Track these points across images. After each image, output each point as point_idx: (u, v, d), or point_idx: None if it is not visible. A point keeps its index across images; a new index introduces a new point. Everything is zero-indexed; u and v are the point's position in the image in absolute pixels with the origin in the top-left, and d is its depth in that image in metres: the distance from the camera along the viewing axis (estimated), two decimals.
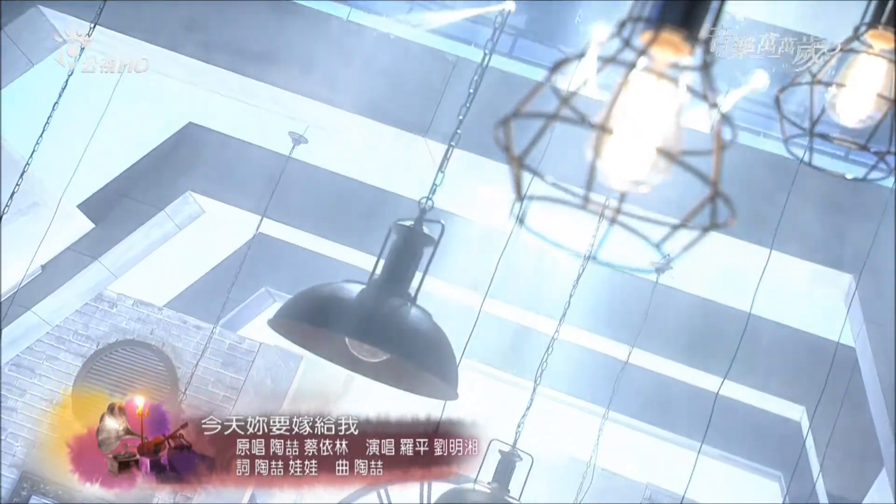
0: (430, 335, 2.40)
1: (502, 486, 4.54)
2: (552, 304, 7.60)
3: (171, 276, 10.28)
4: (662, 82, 1.24)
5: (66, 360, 9.41)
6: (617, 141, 1.23)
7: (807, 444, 8.10)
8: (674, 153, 1.21)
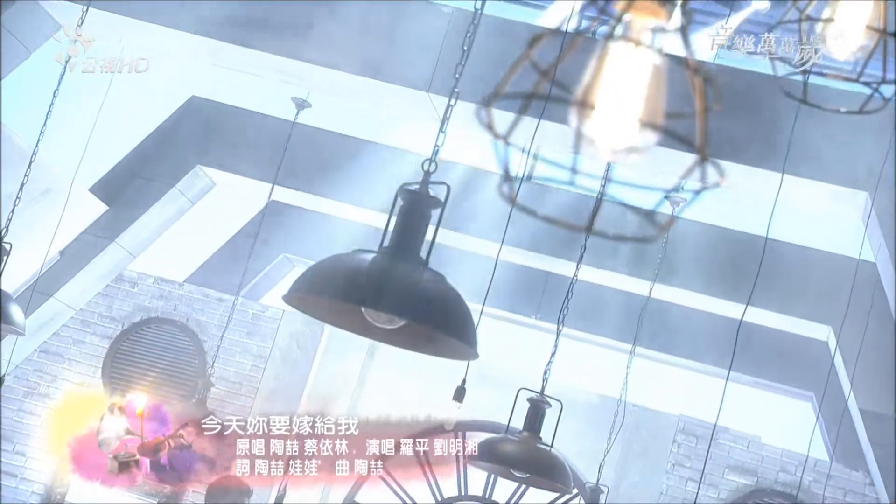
0: (444, 298, 2.40)
1: (534, 433, 4.56)
2: (570, 247, 7.60)
3: (188, 251, 10.31)
4: (641, 49, 1.22)
5: (92, 343, 9.47)
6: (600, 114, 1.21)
7: (836, 363, 8.11)
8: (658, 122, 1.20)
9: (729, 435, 8.83)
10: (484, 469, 4.90)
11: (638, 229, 1.26)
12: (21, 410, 9.34)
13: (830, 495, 8.47)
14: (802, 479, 8.33)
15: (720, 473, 8.78)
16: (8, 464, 9.22)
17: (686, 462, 8.75)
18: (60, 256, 9.01)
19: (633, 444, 8.95)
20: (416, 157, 7.79)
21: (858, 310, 7.51)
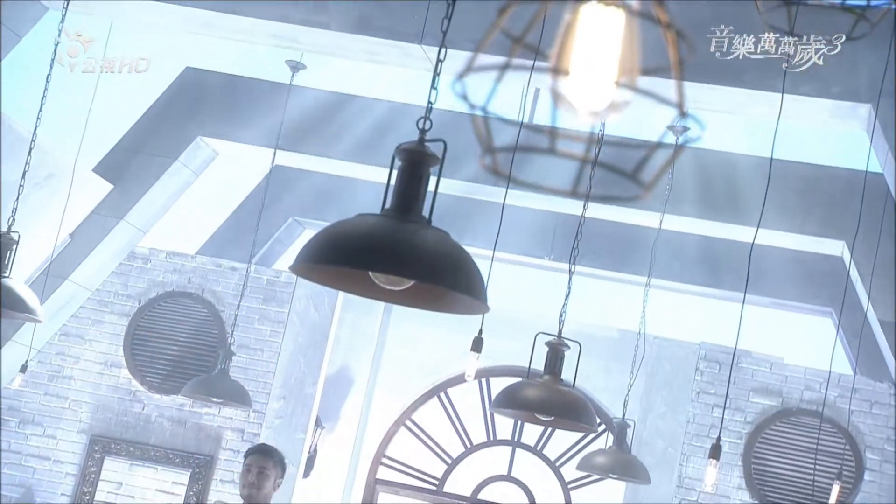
0: (449, 254, 2.40)
1: (554, 376, 4.58)
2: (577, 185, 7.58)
3: (197, 223, 10.32)
4: (611, 9, 1.21)
5: (111, 322, 9.52)
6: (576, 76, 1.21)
7: (852, 276, 8.11)
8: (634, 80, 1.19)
9: (751, 358, 8.85)
10: (508, 416, 4.93)
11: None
12: (48, 394, 9.41)
13: (857, 408, 8.51)
14: (827, 395, 8.35)
15: (745, 397, 8.82)
16: (40, 447, 9.31)
17: (710, 389, 8.78)
18: (71, 239, 9.04)
19: (657, 376, 8.99)
20: (415, 110, 7.77)
21: (870, 222, 7.50)
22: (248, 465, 6.29)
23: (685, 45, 1.17)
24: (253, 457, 6.31)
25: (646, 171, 1.24)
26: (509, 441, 10.58)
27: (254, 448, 6.50)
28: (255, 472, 6.24)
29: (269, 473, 6.27)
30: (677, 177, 8.02)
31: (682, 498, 8.65)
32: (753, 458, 8.66)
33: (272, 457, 6.35)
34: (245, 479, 6.27)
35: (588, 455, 7.30)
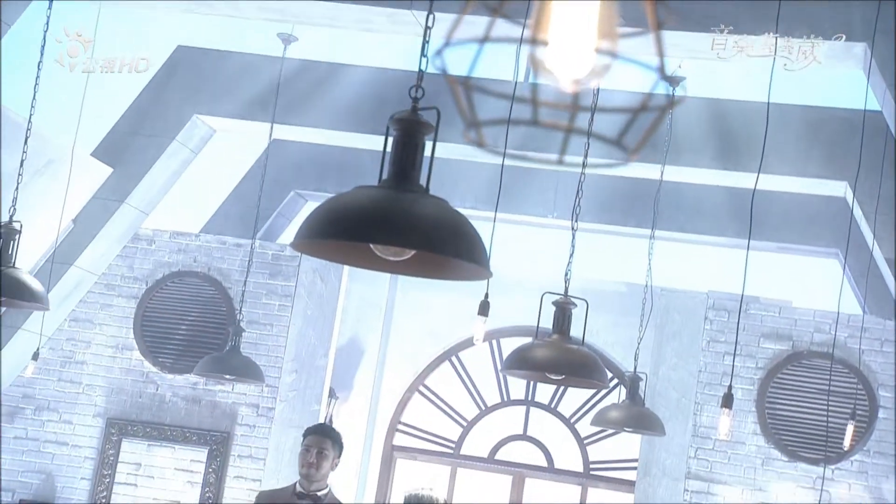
0: (449, 222, 2.39)
1: (563, 334, 4.58)
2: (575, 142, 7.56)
3: (199, 202, 10.31)
4: None
5: (119, 305, 9.54)
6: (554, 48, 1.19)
7: (856, 216, 8.10)
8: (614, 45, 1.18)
9: (760, 304, 8.86)
10: (519, 377, 4.94)
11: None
12: (61, 380, 9.45)
13: (867, 347, 8.52)
14: (837, 335, 8.36)
15: (755, 343, 8.83)
16: (57, 433, 9.36)
17: (720, 337, 8.80)
18: (74, 224, 9.04)
19: (666, 328, 9.00)
20: (408, 76, 7.73)
21: (871, 160, 7.49)
22: (308, 446, 6.31)
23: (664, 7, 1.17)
24: (312, 437, 6.33)
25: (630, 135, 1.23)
26: (523, 401, 10.63)
27: (312, 428, 6.53)
28: (314, 452, 6.27)
29: (327, 454, 6.31)
30: (676, 127, 8.00)
31: (699, 446, 8.68)
32: (767, 403, 8.69)
33: (331, 437, 6.38)
34: (304, 459, 6.29)
35: (602, 410, 7.32)
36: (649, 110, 1.24)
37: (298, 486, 6.38)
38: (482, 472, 10.61)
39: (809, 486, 8.44)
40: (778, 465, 8.59)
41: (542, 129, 1.27)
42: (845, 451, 8.27)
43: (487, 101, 1.45)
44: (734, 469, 8.64)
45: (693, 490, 8.64)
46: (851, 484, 8.47)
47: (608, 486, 10.22)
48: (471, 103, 1.30)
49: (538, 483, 10.51)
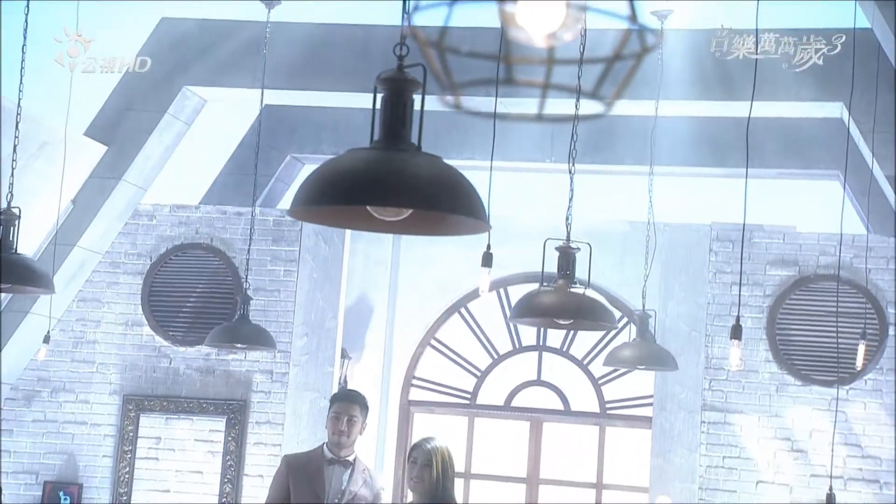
0: (443, 178, 2.39)
1: (567, 279, 4.59)
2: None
3: (196, 173, 10.30)
4: None
5: (126, 282, 9.56)
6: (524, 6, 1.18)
7: (853, 136, 8.08)
8: None
9: (763, 232, 8.86)
10: (527, 325, 4.96)
11: None
12: (74, 361, 9.49)
13: (873, 266, 8.52)
14: (842, 257, 8.37)
15: (762, 271, 8.84)
16: (75, 413, 9.42)
17: (726, 268, 8.80)
18: (73, 205, 9.04)
19: (671, 263, 9.00)
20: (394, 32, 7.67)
21: (865, 79, 7.46)
22: (337, 413, 6.33)
23: None
24: (339, 404, 6.36)
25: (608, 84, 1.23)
26: (535, 346, 10.66)
27: (340, 395, 6.57)
28: (344, 420, 6.30)
29: (356, 419, 6.34)
30: (667, 61, 7.95)
31: (712, 378, 8.72)
32: (777, 329, 8.71)
33: (358, 402, 6.41)
34: (335, 427, 6.32)
35: (614, 350, 7.36)
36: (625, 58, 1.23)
37: (327, 450, 6.40)
38: (499, 419, 10.67)
39: (825, 408, 8.48)
40: (792, 389, 8.63)
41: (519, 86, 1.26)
42: (858, 370, 8.31)
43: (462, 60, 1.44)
44: (749, 397, 8.68)
45: (710, 421, 8.69)
46: (867, 403, 8.51)
47: (625, 424, 10.28)
48: (445, 66, 1.30)
49: (556, 426, 10.57)
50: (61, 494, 9.24)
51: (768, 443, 8.59)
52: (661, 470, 8.78)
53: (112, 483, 9.24)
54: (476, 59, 1.50)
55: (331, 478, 6.27)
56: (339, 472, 6.29)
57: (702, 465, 8.64)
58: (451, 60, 1.35)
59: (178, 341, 9.40)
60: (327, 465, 6.32)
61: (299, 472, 6.33)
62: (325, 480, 6.26)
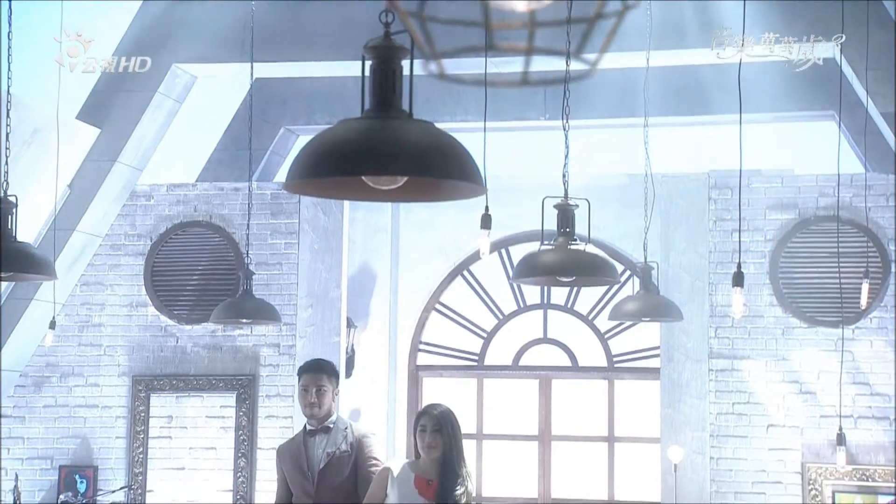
0: (436, 144, 2.39)
1: (567, 236, 4.59)
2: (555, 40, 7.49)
3: (191, 151, 10.27)
4: None
5: (128, 264, 9.57)
6: None
7: (847, 74, 8.05)
8: None
9: (761, 176, 8.84)
10: (530, 284, 4.97)
11: None
12: (81, 345, 9.52)
13: (873, 204, 8.52)
14: (841, 196, 8.37)
15: (762, 216, 8.83)
16: (86, 397, 9.45)
17: (726, 215, 8.80)
18: (70, 190, 9.04)
19: (671, 213, 9.00)
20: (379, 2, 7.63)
21: (855, 17, 7.43)
22: (305, 385, 6.29)
23: None
24: (307, 376, 6.31)
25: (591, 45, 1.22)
26: (540, 305, 10.67)
27: (305, 366, 6.46)
28: (312, 391, 6.26)
29: (326, 388, 6.30)
30: (655, 12, 7.91)
31: (718, 326, 8.74)
32: (780, 273, 8.72)
33: (325, 371, 6.36)
34: (305, 399, 6.28)
35: (618, 303, 7.36)
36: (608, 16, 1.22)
37: (308, 424, 6.39)
38: (508, 379, 10.70)
39: (831, 348, 8.50)
40: (798, 332, 8.65)
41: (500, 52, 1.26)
42: (863, 309, 8.32)
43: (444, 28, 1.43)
44: (755, 343, 8.70)
45: (717, 369, 8.72)
46: (873, 341, 8.53)
47: (633, 377, 10.31)
48: (428, 35, 1.29)
49: (564, 383, 10.60)
50: (77, 478, 9.29)
51: (777, 386, 8.62)
52: (671, 420, 8.82)
53: (127, 464, 9.28)
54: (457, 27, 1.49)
55: (313, 448, 6.26)
56: (321, 440, 6.27)
57: (712, 412, 8.67)
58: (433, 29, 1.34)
59: (183, 320, 9.42)
60: (309, 438, 6.30)
61: (287, 455, 6.33)
62: (308, 452, 6.25)
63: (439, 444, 5.63)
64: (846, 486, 8.33)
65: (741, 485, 8.55)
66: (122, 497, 8.91)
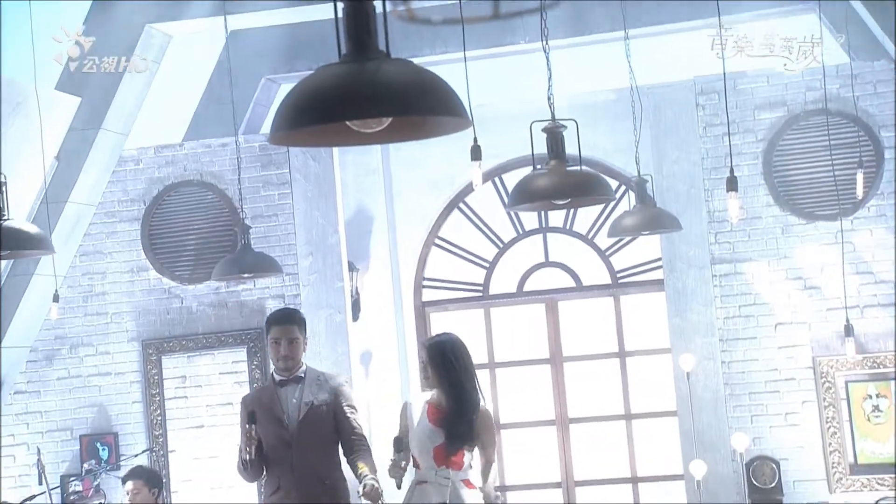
0: (416, 82, 2.37)
1: (559, 159, 4.58)
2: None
3: (174, 111, 10.21)
4: None
5: (124, 230, 9.56)
6: None
7: None
8: None
9: (747, 77, 8.81)
10: (526, 210, 4.97)
11: None
12: (87, 314, 9.55)
13: (861, 92, 8.50)
14: (828, 88, 8.34)
15: (751, 117, 8.81)
16: (98, 365, 9.50)
17: (715, 120, 8.77)
18: (58, 161, 9.00)
19: (660, 124, 8.97)
20: None
21: None
22: (276, 338, 6.23)
23: None
24: (276, 328, 6.25)
25: None
26: (538, 229, 10.68)
27: (274, 318, 6.38)
28: (283, 343, 6.23)
29: (297, 339, 6.28)
30: None
31: (717, 231, 8.75)
32: (774, 172, 8.71)
33: (294, 321, 6.32)
34: (277, 352, 6.24)
35: (616, 220, 7.37)
36: None
37: (277, 375, 6.35)
38: (514, 306, 10.73)
39: (832, 241, 8.52)
40: (797, 229, 8.67)
41: None
42: (859, 200, 8.33)
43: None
44: (756, 244, 8.72)
45: (720, 274, 8.75)
46: (872, 230, 8.55)
47: (638, 290, 10.35)
48: None
49: (570, 304, 10.64)
50: (99, 445, 9.37)
51: (781, 285, 8.65)
52: (679, 329, 8.86)
53: (146, 427, 9.35)
54: None
55: (286, 398, 6.25)
56: (292, 390, 6.25)
57: (719, 317, 8.71)
58: None
59: (185, 280, 9.43)
60: (280, 389, 6.29)
61: (256, 405, 6.30)
62: (282, 403, 6.24)
63: (429, 375, 5.94)
64: (858, 376, 8.40)
65: (754, 385, 8.61)
66: (145, 460, 8.99)
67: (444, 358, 5.91)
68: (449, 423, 5.89)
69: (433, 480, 5.89)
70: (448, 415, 5.92)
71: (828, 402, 8.41)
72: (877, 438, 8.35)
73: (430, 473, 5.91)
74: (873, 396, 8.37)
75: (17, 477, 9.41)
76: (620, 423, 10.41)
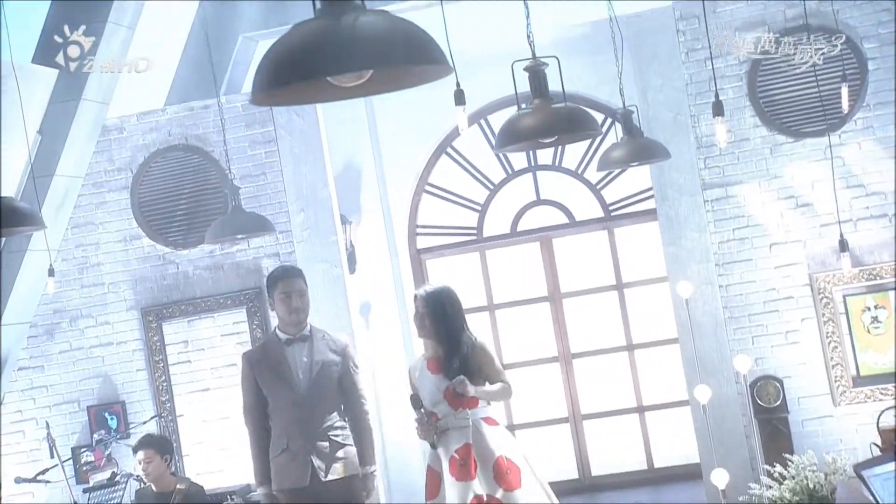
0: (395, 32, 2.36)
1: (543, 97, 4.56)
2: None
3: (154, 77, 10.13)
4: None
5: (113, 199, 9.54)
6: None
7: None
8: None
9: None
10: (514, 151, 4.96)
11: None
12: (84, 286, 9.54)
13: (841, 5, 8.46)
14: (808, 3, 8.28)
15: (731, 37, 8.74)
16: (99, 336, 9.52)
17: (697, 45, 8.72)
18: (41, 135, 8.95)
19: (642, 52, 8.92)
20: None
21: None
22: (286, 293, 6.23)
23: None
24: (283, 283, 6.25)
25: None
26: (528, 168, 10.68)
27: (280, 273, 6.38)
28: (295, 297, 6.26)
29: (304, 291, 6.32)
30: None
31: (706, 156, 8.74)
32: (759, 93, 8.68)
33: (299, 275, 6.37)
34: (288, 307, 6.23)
35: (605, 153, 7.35)
36: None
37: (281, 333, 6.34)
38: (509, 247, 10.76)
39: (821, 157, 8.51)
40: (786, 148, 8.66)
41: None
42: (845, 113, 8.31)
43: None
44: (745, 166, 8.71)
45: (712, 199, 8.75)
46: (861, 143, 8.54)
47: (632, 222, 10.37)
48: None
49: (565, 240, 10.66)
50: (107, 415, 9.41)
51: (773, 205, 8.66)
52: (675, 257, 8.88)
53: (153, 394, 9.39)
54: None
55: (294, 357, 6.25)
56: (300, 349, 6.25)
57: (713, 242, 8.73)
58: None
59: (179, 245, 9.43)
60: (286, 347, 6.28)
61: (262, 364, 6.29)
62: (290, 362, 6.24)
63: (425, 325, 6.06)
64: (855, 289, 8.43)
65: (753, 307, 8.65)
66: (154, 426, 9.04)
67: (443, 309, 6.04)
68: (447, 363, 5.99)
69: (453, 425, 5.95)
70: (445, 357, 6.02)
71: (827, 317, 8.45)
72: (877, 349, 8.40)
73: (450, 419, 5.98)
74: (871, 308, 8.41)
75: (28, 452, 9.46)
76: (623, 353, 10.48)
